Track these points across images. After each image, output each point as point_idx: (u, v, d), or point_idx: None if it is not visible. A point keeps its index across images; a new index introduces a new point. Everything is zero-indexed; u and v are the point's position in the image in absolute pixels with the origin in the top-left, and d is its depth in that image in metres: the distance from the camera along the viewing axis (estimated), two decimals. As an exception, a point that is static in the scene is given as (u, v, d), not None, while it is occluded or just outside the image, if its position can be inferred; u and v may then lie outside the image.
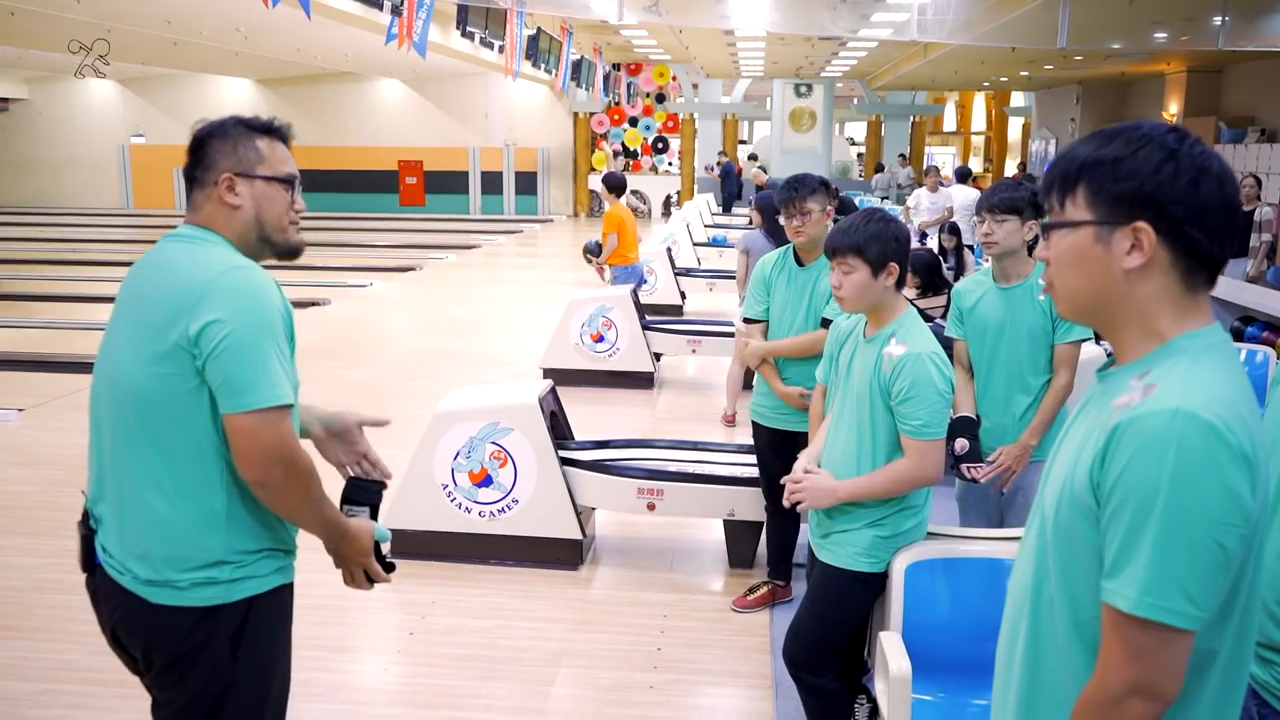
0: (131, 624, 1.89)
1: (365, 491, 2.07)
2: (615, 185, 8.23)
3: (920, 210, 11.18)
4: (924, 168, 12.71)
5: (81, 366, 8.00)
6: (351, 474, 2.16)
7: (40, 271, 13.68)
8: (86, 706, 3.24)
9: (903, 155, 23.41)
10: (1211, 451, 1.18)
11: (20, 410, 6.74)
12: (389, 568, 2.07)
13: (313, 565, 2.30)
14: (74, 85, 24.11)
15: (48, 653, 3.57)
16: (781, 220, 3.78)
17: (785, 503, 2.67)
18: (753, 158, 21.44)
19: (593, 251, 8.31)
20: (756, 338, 3.87)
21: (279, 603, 1.98)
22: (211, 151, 1.96)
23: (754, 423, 3.95)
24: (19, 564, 4.35)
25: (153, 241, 2.11)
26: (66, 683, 3.38)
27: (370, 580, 2.05)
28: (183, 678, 1.87)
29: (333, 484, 2.00)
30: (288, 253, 2.04)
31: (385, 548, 2.07)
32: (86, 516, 1.95)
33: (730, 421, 6.59)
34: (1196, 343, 1.29)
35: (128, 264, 2.14)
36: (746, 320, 3.93)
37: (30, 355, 8.38)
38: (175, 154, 22.93)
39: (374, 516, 2.06)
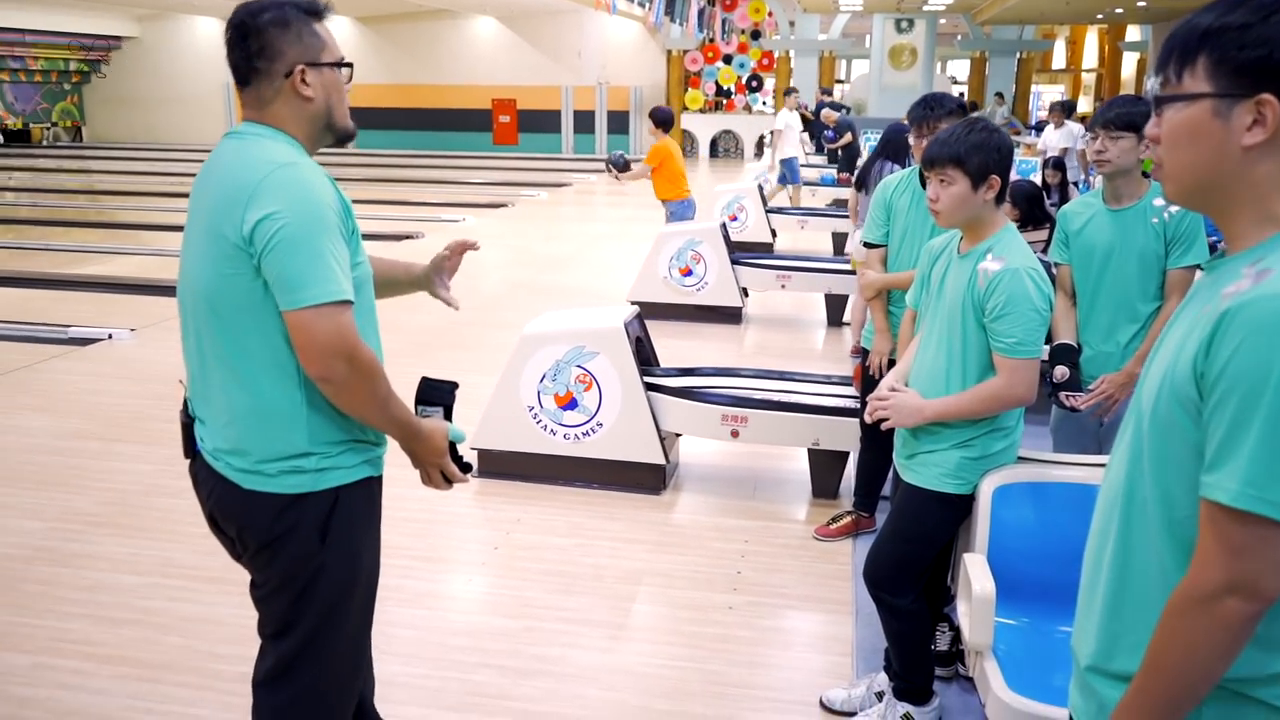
0: (226, 508, 1.96)
1: (438, 391, 2.06)
2: (662, 120, 8.00)
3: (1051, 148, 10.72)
4: (1051, 104, 11.96)
5: (188, 291, 8.34)
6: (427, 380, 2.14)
7: (150, 203, 14.20)
8: (190, 600, 3.42)
9: (999, 94, 22.42)
10: None
11: (132, 330, 7.06)
12: (465, 468, 2.07)
13: (404, 480, 2.35)
14: (182, 23, 24.77)
15: (156, 550, 3.77)
16: (911, 139, 3.63)
17: (868, 418, 2.62)
18: (827, 92, 20.85)
19: (616, 164, 8.10)
20: (875, 265, 3.76)
21: (367, 494, 2.01)
22: (275, 40, 1.88)
23: (864, 349, 3.88)
24: (131, 469, 4.59)
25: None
26: (172, 578, 3.57)
27: (448, 481, 2.07)
28: (274, 559, 1.94)
29: (404, 393, 2.01)
30: (346, 138, 2.02)
31: (462, 449, 2.08)
32: (186, 405, 2.03)
33: (858, 352, 6.47)
34: None
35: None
36: (866, 245, 3.80)
37: (141, 280, 8.75)
38: (277, 91, 23.58)
39: (448, 416, 2.05)
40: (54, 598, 3.44)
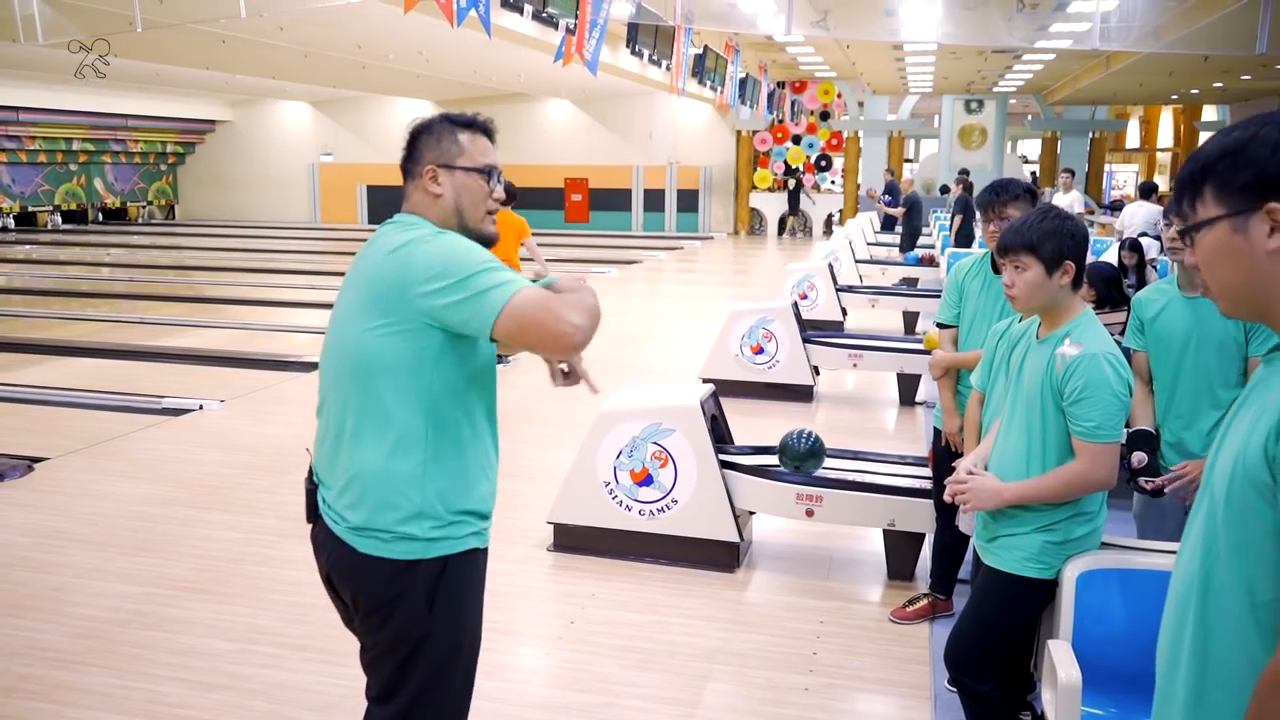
0: (342, 570, 2.08)
1: None
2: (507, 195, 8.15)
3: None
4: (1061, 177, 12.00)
5: (275, 364, 8.66)
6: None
7: (239, 279, 14.79)
8: (278, 667, 3.51)
9: (1068, 170, 21.99)
10: None
11: (221, 401, 7.33)
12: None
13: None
14: (272, 107, 26.00)
15: (245, 617, 3.88)
16: (978, 224, 3.73)
17: (946, 498, 2.64)
18: (889, 172, 21.00)
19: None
20: (946, 345, 3.83)
21: (472, 565, 2.12)
22: (420, 146, 2.16)
23: (936, 430, 3.90)
24: (221, 536, 4.75)
25: (338, 253, 2.29)
26: (261, 644, 3.67)
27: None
28: (384, 623, 2.05)
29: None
30: (482, 241, 2.16)
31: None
32: (311, 473, 2.16)
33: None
34: None
35: (315, 273, 2.33)
36: (939, 325, 3.90)
37: (230, 353, 9.11)
38: (359, 172, 24.56)
39: None
40: (149, 661, 3.57)
